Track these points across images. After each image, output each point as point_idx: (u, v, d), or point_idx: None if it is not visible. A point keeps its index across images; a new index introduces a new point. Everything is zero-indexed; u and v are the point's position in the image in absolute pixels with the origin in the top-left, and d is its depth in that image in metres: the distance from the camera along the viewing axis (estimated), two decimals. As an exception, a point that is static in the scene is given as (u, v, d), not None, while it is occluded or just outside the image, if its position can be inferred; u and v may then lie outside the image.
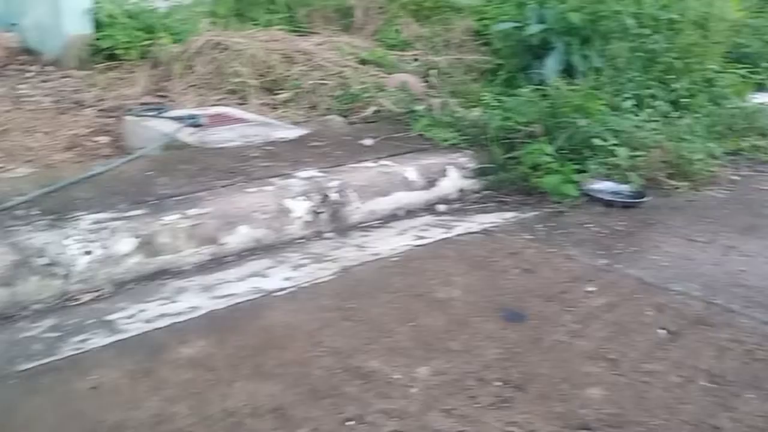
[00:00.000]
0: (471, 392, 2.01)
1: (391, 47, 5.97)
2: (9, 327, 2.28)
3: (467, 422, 1.88)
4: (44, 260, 2.44)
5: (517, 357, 2.20)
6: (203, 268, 2.76)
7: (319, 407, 1.91)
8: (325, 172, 3.35)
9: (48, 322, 2.32)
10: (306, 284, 2.64)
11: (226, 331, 2.27)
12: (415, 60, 5.68)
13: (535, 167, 3.66)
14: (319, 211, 3.14)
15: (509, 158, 3.74)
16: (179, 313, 2.39)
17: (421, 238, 3.13)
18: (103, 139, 4.17)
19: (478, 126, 3.95)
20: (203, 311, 2.41)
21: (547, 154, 3.67)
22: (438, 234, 3.18)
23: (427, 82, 5.13)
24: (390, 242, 3.07)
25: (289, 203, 3.08)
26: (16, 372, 2.03)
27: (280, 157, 3.51)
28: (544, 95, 4.14)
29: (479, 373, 2.10)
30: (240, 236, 2.90)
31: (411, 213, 3.44)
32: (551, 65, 4.80)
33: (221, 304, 2.47)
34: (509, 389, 2.03)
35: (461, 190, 3.67)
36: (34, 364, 2.07)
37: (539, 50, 5.00)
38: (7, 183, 3.10)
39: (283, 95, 4.86)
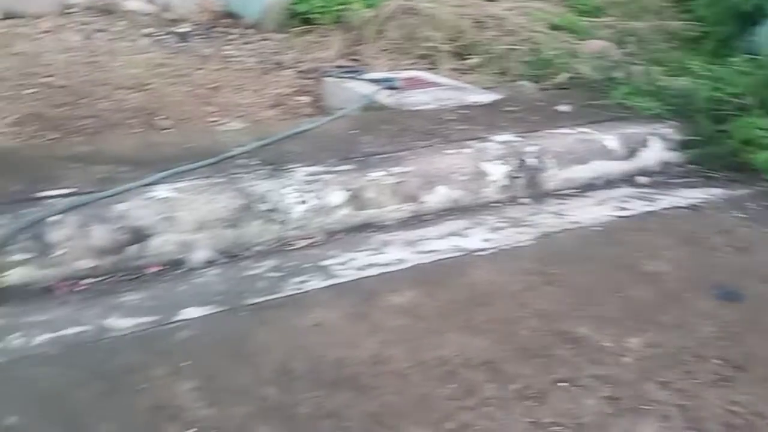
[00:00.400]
0: (687, 367, 1.94)
1: (583, 13, 5.78)
2: (235, 265, 2.48)
3: (686, 397, 1.82)
4: (266, 206, 2.62)
5: (736, 337, 2.09)
6: (404, 224, 2.84)
7: (529, 365, 1.93)
8: (521, 137, 3.32)
9: (269, 263, 2.49)
10: (506, 247, 2.65)
11: (432, 285, 2.34)
12: (609, 27, 5.46)
13: (746, 142, 3.42)
14: (515, 175, 3.13)
15: (718, 131, 3.51)
16: (387, 264, 2.49)
17: (623, 209, 3.03)
18: (304, 98, 4.38)
19: (683, 96, 3.74)
20: (409, 264, 2.49)
21: (762, 129, 3.41)
22: (640, 206, 3.07)
23: (623, 49, 4.91)
24: (589, 211, 3.00)
25: (486, 166, 3.09)
26: (245, 305, 2.21)
27: (475, 121, 3.52)
28: (760, 65, 3.83)
29: (695, 349, 2.02)
30: (439, 196, 2.95)
31: (609, 183, 3.34)
32: (767, 33, 4.43)
33: (425, 258, 2.54)
34: (729, 368, 1.94)
35: (664, 163, 3.50)
36: (261, 300, 2.24)
37: (752, 17, 4.63)
38: (225, 135, 3.35)
39: (473, 60, 4.85)
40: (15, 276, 2.23)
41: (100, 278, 2.32)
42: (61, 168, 2.67)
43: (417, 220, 2.88)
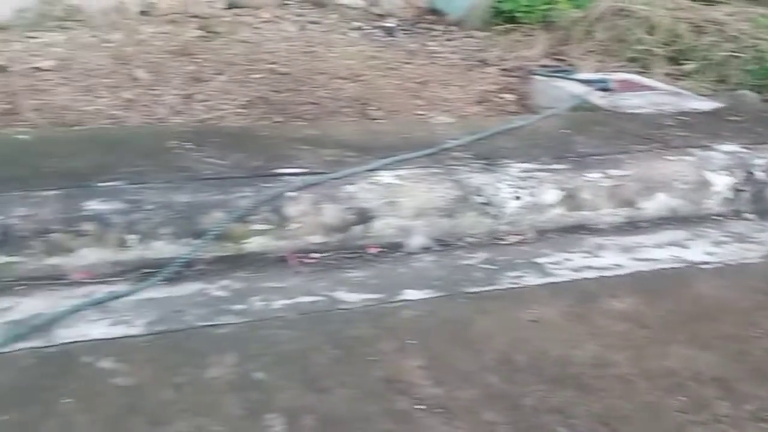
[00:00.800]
0: None
1: (815, 20, 5.30)
2: (449, 254, 2.55)
3: None
4: (481, 199, 2.66)
5: None
6: (618, 229, 2.78)
7: (765, 387, 1.83)
8: (748, 148, 3.12)
9: (482, 255, 2.54)
10: (732, 262, 2.53)
11: (654, 293, 2.27)
12: None
13: None
14: (741, 188, 2.95)
15: None
16: (604, 268, 2.45)
17: None
18: (509, 96, 4.38)
19: None
20: (628, 270, 2.44)
21: None
22: None
23: None
24: (824, 234, 2.78)
25: (710, 176, 2.94)
26: (463, 293, 2.26)
27: (695, 128, 3.36)
28: None
29: None
30: (657, 203, 2.85)
31: None
32: None
33: (644, 266, 2.47)
34: None
35: None
36: (478, 290, 2.29)
37: None
38: (435, 128, 3.43)
39: (689, 66, 4.62)
40: (254, 244, 2.43)
41: (327, 253, 2.47)
42: (292, 149, 2.87)
43: (632, 226, 2.80)
